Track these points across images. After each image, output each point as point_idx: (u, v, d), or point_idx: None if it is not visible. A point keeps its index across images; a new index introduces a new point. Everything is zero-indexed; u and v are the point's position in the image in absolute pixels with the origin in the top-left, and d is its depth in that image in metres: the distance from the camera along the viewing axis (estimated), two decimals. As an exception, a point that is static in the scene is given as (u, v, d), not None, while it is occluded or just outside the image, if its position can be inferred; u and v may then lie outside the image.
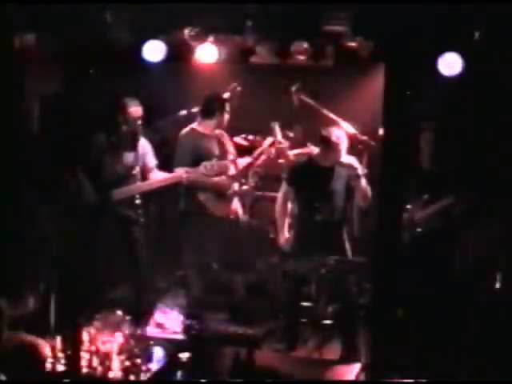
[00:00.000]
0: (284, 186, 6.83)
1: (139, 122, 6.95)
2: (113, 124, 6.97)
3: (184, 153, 7.03)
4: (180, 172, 6.90)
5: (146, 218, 7.71)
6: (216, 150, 7.05)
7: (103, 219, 6.96)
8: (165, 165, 7.22)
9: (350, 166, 6.43)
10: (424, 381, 5.99)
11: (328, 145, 6.47)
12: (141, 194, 7.04)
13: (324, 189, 6.55)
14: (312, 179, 6.59)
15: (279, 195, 6.89)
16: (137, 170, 6.92)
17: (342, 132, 6.55)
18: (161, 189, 7.16)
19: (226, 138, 7.23)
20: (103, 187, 6.91)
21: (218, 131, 7.16)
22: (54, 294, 6.22)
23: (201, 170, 6.83)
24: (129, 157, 6.95)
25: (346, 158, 6.47)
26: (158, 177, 7.02)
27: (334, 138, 6.45)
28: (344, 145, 6.49)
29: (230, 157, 7.16)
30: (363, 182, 6.44)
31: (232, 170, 7.15)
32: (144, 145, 7.04)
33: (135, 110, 6.94)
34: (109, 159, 6.90)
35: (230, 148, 7.24)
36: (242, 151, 7.48)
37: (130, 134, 6.95)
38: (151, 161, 7.06)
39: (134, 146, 6.95)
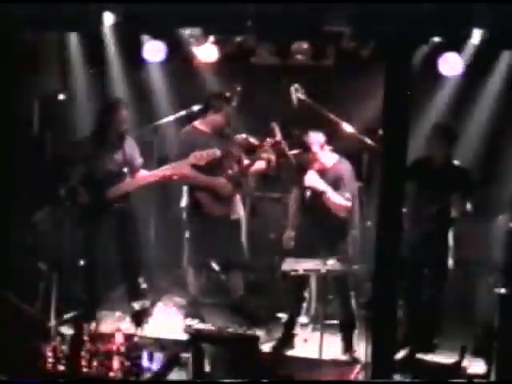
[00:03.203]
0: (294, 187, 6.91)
1: (126, 122, 7.00)
2: (103, 124, 6.99)
3: (183, 150, 7.04)
4: (173, 164, 6.92)
5: (147, 216, 7.75)
6: (216, 149, 7.05)
7: (100, 218, 6.96)
8: (164, 165, 7.22)
9: (310, 188, 6.50)
10: (423, 381, 6.00)
11: (304, 147, 6.54)
12: (135, 189, 7.08)
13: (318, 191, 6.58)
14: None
15: (292, 194, 6.95)
16: (125, 168, 6.97)
17: (317, 134, 6.58)
18: (154, 183, 7.18)
19: (230, 138, 7.24)
20: (97, 186, 6.92)
21: (226, 131, 7.20)
22: (54, 293, 6.22)
23: (191, 159, 6.84)
24: (118, 155, 6.98)
25: (308, 179, 6.52)
26: (144, 174, 7.05)
27: (307, 141, 6.52)
28: (316, 146, 6.53)
29: (233, 156, 7.19)
30: (330, 195, 6.48)
31: (235, 169, 7.17)
32: (130, 142, 7.08)
33: (123, 110, 6.97)
34: (100, 158, 6.92)
35: (233, 147, 7.23)
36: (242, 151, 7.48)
37: (119, 134, 6.98)
38: (138, 159, 7.10)
39: (122, 145, 6.99)
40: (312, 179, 6.52)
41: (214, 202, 7.08)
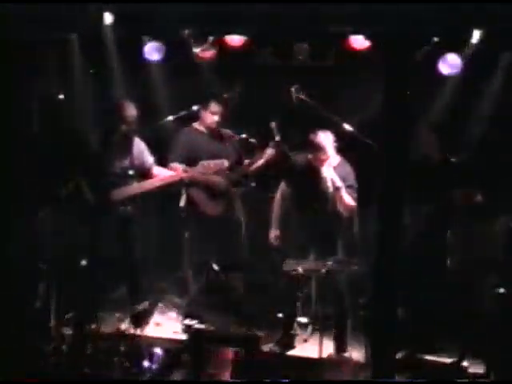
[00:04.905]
0: (282, 186, 6.86)
1: (134, 123, 6.98)
2: (109, 125, 6.99)
3: (181, 148, 7.08)
4: (180, 170, 6.92)
5: (146, 216, 7.74)
6: (215, 149, 7.06)
7: (102, 219, 6.96)
8: (164, 164, 7.23)
9: (327, 179, 6.48)
10: (424, 381, 6.00)
11: (314, 147, 6.52)
12: (142, 193, 7.08)
13: (319, 190, 6.56)
14: (308, 180, 6.62)
15: (277, 194, 6.90)
16: (131, 171, 6.96)
17: (327, 134, 6.58)
18: (161, 187, 7.18)
19: (230, 138, 7.25)
20: (101, 188, 6.92)
21: (226, 132, 7.21)
22: (54, 294, 6.22)
23: (199, 168, 6.86)
24: (125, 159, 6.97)
25: (327, 171, 6.50)
26: (159, 172, 7.04)
27: (318, 141, 6.50)
28: (330, 146, 6.52)
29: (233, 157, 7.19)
30: (343, 193, 6.47)
31: (234, 169, 7.19)
32: (139, 144, 7.06)
33: (130, 110, 6.95)
34: (106, 160, 6.92)
35: (232, 147, 7.24)
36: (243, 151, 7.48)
37: (125, 135, 6.97)
38: (148, 158, 7.08)
39: (129, 147, 6.98)
40: (331, 172, 6.51)
41: (208, 201, 7.11)
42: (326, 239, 6.58)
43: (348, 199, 6.51)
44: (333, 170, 6.53)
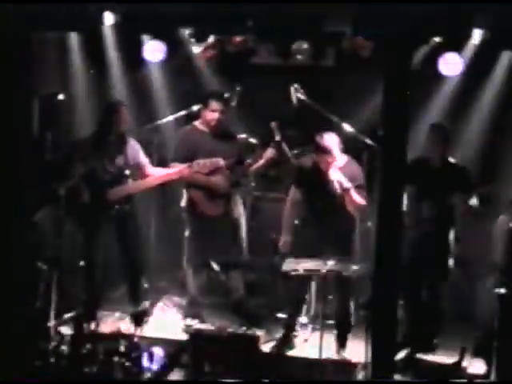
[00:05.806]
0: (292, 189, 6.84)
1: (127, 123, 6.99)
2: (103, 125, 6.99)
3: (181, 147, 7.08)
4: (176, 169, 6.93)
5: (146, 216, 7.75)
6: (214, 148, 7.07)
7: (100, 219, 6.96)
8: (163, 165, 7.23)
9: (334, 182, 6.46)
10: (424, 381, 6.01)
11: (320, 150, 6.50)
12: (140, 192, 7.09)
13: (327, 192, 6.55)
14: (316, 182, 6.60)
15: (288, 200, 6.88)
16: (127, 171, 6.96)
17: (332, 136, 6.55)
18: (157, 186, 7.19)
19: (231, 137, 7.25)
20: (97, 187, 6.91)
21: (228, 131, 7.22)
22: (54, 293, 6.22)
23: (193, 167, 6.86)
24: (119, 158, 6.97)
25: (334, 173, 6.48)
26: (153, 171, 7.05)
27: (324, 144, 6.48)
28: (336, 148, 6.50)
29: (233, 157, 7.19)
30: (352, 194, 6.45)
31: (234, 169, 7.19)
32: (133, 144, 7.07)
33: (123, 111, 6.96)
34: (100, 160, 6.92)
35: (233, 147, 7.24)
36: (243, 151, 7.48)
37: (119, 135, 6.97)
38: (143, 158, 7.09)
39: (123, 148, 6.98)
40: (338, 174, 6.49)
41: (207, 201, 7.10)
42: (338, 240, 6.55)
43: (358, 198, 6.47)
44: (340, 171, 6.49)
